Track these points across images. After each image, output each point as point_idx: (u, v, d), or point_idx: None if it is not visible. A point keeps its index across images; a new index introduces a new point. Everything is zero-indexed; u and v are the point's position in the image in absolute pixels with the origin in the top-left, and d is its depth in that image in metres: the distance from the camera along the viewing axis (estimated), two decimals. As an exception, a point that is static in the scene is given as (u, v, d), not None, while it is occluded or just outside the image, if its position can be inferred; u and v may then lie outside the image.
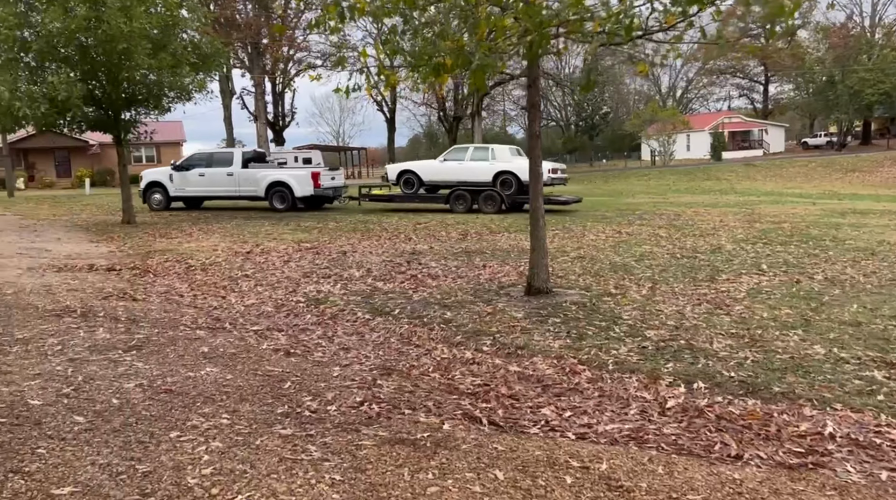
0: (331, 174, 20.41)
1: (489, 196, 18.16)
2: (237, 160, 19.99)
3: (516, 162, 18.00)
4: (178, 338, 5.79)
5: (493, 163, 18.37)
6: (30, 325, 5.93)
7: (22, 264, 9.48)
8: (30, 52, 13.34)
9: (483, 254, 10.27)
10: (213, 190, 20.23)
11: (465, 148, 19.67)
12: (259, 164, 20.68)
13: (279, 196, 19.50)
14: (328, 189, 19.72)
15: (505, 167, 18.18)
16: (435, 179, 19.21)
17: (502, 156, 18.57)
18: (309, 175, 19.23)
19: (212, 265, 9.84)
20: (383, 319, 6.62)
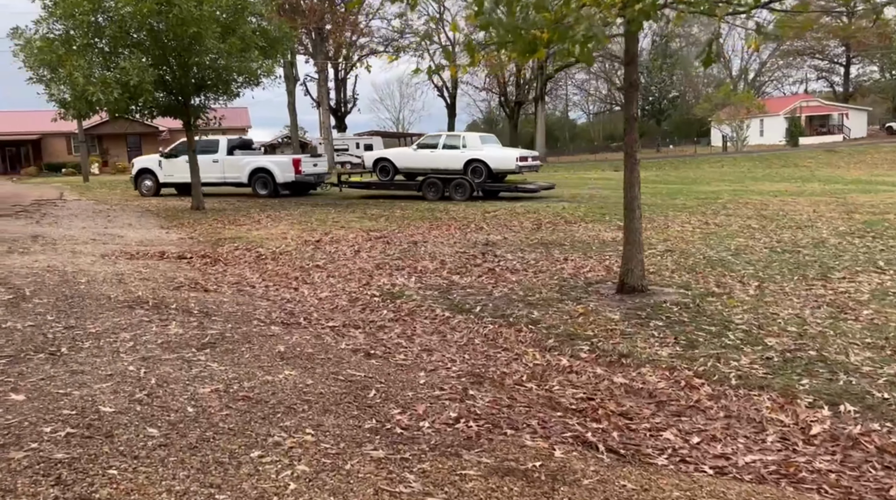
0: (313, 161, 20.74)
1: (459, 184, 18.33)
2: (222, 147, 20.40)
3: (486, 150, 18.29)
4: (252, 335, 5.47)
5: (463, 151, 18.46)
6: (102, 317, 5.71)
7: (96, 251, 9.43)
8: (103, 38, 13.38)
9: (562, 246, 9.69)
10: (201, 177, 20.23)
11: (438, 136, 19.82)
12: (244, 151, 20.94)
13: (261, 182, 19.84)
14: (310, 175, 20.06)
15: (475, 155, 18.26)
16: (409, 166, 19.41)
17: (473, 144, 18.69)
18: (290, 162, 19.61)
19: (282, 254, 9.59)
20: (464, 317, 6.16)
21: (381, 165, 19.93)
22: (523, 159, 18.41)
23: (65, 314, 5.71)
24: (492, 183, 18.26)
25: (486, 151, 18.32)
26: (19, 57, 13.63)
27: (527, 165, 18.71)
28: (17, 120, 46.80)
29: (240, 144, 21.48)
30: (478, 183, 18.15)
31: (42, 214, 14.08)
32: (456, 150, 18.62)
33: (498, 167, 18.22)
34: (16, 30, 13.51)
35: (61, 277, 7.32)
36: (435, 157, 18.82)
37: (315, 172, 20.52)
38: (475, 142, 18.82)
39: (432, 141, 19.58)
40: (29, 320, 5.42)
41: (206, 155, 20.22)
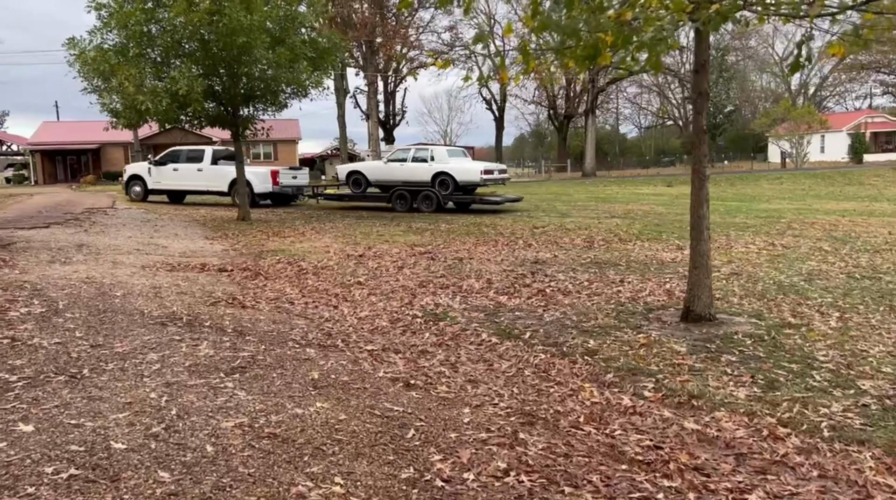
0: (292, 173, 21.27)
1: (427, 196, 18.82)
2: (207, 157, 20.98)
3: (453, 163, 18.73)
4: (286, 358, 5.11)
5: (431, 164, 18.86)
6: (132, 334, 5.44)
7: (137, 262, 9.29)
8: (155, 48, 13.44)
9: (617, 266, 9.12)
10: (185, 184, 21.32)
11: (408, 149, 20.32)
12: (228, 161, 20.99)
13: (235, 190, 19.60)
14: (288, 187, 20.65)
15: (442, 168, 18.64)
16: (380, 178, 19.86)
17: (441, 157, 19.07)
18: (268, 173, 20.24)
19: (324, 269, 9.28)
20: (513, 343, 5.69)
21: (354, 177, 20.36)
22: (488, 172, 18.71)
23: (94, 331, 5.46)
24: (458, 195, 18.81)
25: (452, 164, 18.74)
26: (74, 67, 13.80)
27: (492, 178, 18.97)
28: (78, 130, 48.37)
29: (225, 154, 21.78)
30: (444, 195, 18.63)
31: (91, 223, 14.16)
32: (424, 163, 19.04)
33: (463, 180, 18.53)
34: (71, 40, 13.68)
35: (98, 289, 7.13)
36: (404, 170, 19.25)
37: (294, 184, 21.08)
38: (442, 155, 19.22)
39: (402, 155, 20.05)
40: (56, 336, 5.18)
41: (192, 163, 21.05)
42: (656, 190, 32.59)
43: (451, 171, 18.51)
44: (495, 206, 19.42)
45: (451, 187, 18.54)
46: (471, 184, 18.71)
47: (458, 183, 18.46)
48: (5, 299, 6.18)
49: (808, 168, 45.77)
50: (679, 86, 70.34)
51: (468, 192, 19.23)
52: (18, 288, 6.77)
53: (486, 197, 19.12)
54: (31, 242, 10.55)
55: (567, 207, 20.50)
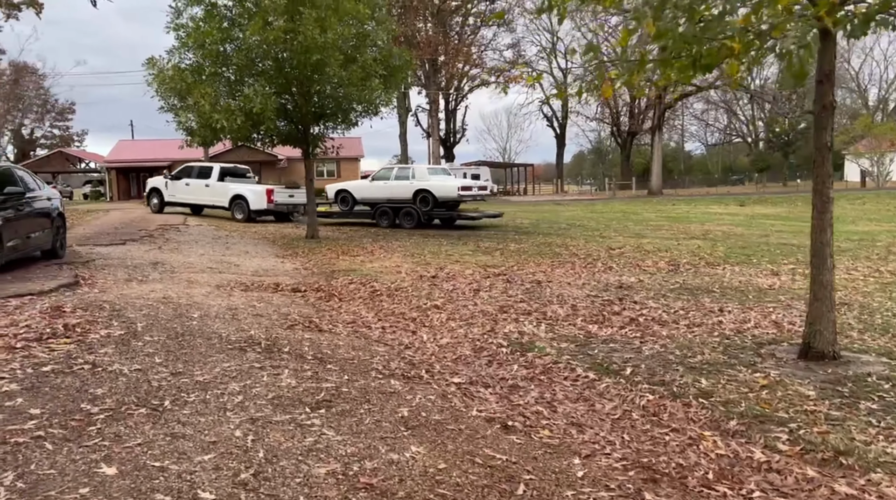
0: (288, 192, 22.17)
1: (407, 212, 19.54)
2: (214, 174, 22.12)
3: (432, 180, 19.30)
4: (370, 390, 4.78)
5: (412, 181, 19.47)
6: (211, 361, 5.22)
7: (211, 281, 9.21)
8: (230, 67, 13.57)
9: (710, 293, 8.50)
10: (194, 198, 22.53)
11: (392, 168, 21.00)
12: (235, 178, 22.50)
13: (239, 207, 21.32)
14: (282, 205, 21.40)
15: (422, 186, 19.23)
16: (366, 196, 20.55)
17: (421, 175, 19.62)
18: (264, 191, 21.22)
19: (398, 291, 8.98)
20: (613, 380, 5.21)
21: (342, 195, 21.16)
22: (466, 189, 19.44)
23: (174, 357, 5.26)
24: (438, 211, 19.45)
25: (432, 181, 19.30)
26: (153, 86, 14.07)
27: (470, 195, 19.73)
28: (152, 148, 50.17)
29: (231, 171, 23.01)
30: (425, 211, 19.29)
31: (165, 240, 14.34)
32: (406, 181, 19.67)
33: (442, 196, 19.07)
34: (150, 59, 13.97)
35: (175, 310, 7.00)
36: (388, 187, 19.93)
37: (291, 202, 21.75)
38: (423, 173, 19.75)
39: (386, 173, 20.71)
40: (136, 362, 5.00)
41: (201, 179, 22.27)
42: (729, 209, 31.32)
43: (430, 188, 19.11)
44: (473, 221, 20.40)
45: (431, 204, 19.18)
46: (449, 200, 19.22)
47: (437, 199, 19.07)
48: (86, 321, 6.08)
49: (890, 188, 43.40)
50: (750, 102, 68.17)
51: (451, 208, 19.82)
52: (98, 308, 6.70)
53: (463, 213, 19.90)
54: (108, 260, 10.65)
55: (639, 226, 19.78)
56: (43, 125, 74.01)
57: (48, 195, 9.95)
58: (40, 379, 4.45)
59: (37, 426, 3.66)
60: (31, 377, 4.47)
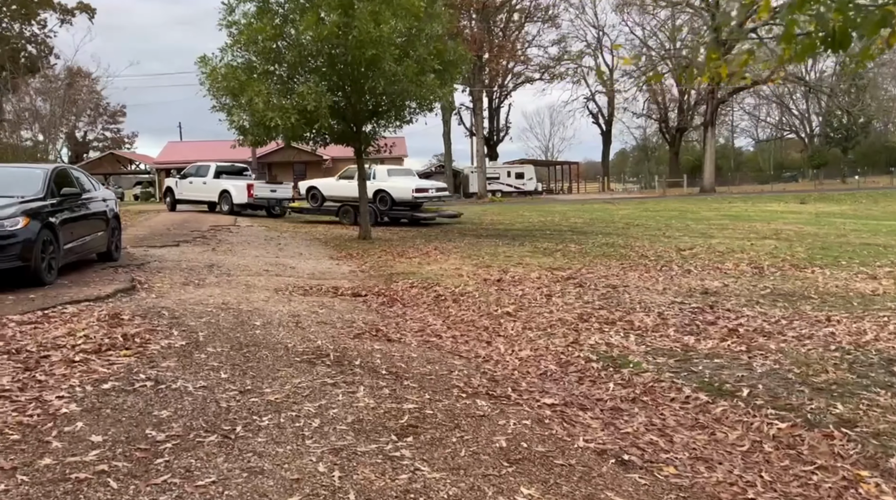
0: (270, 187, 23.93)
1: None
2: (210, 172, 23.71)
3: (391, 182, 20.30)
4: (457, 413, 4.27)
5: (373, 182, 19.97)
6: (280, 376, 4.78)
7: (269, 285, 8.84)
8: (283, 64, 13.27)
9: (808, 299, 7.77)
10: (195, 195, 24.04)
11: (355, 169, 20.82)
12: (228, 176, 23.75)
13: (225, 201, 22.91)
14: (263, 199, 22.94)
15: (381, 186, 20.22)
16: (333, 194, 21.41)
17: (381, 176, 20.53)
18: (245, 186, 22.63)
19: (463, 296, 8.47)
20: (729, 403, 4.58)
21: (312, 192, 22.16)
22: (421, 191, 20.23)
23: (240, 371, 4.84)
24: (397, 210, 20.28)
25: (390, 182, 20.24)
26: (205, 85, 13.86)
27: (426, 196, 20.53)
28: (200, 149, 50.75)
29: (228, 169, 24.42)
30: (383, 210, 20.20)
31: (218, 241, 14.12)
32: (368, 181, 19.70)
33: (399, 197, 19.96)
34: (203, 58, 13.77)
35: (235, 317, 6.62)
36: (351, 186, 20.01)
37: (273, 197, 23.39)
38: (383, 174, 20.66)
39: (351, 173, 20.80)
40: (201, 378, 4.59)
41: (200, 177, 23.94)
42: (790, 207, 30.00)
43: (388, 188, 20.07)
44: (427, 221, 21.10)
45: (389, 203, 20.15)
46: (405, 201, 19.98)
47: (394, 200, 20.01)
48: (145, 330, 5.73)
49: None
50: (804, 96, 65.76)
51: (414, 208, 20.66)
52: (157, 315, 6.35)
53: (417, 213, 20.64)
54: (163, 262, 10.40)
55: (702, 225, 18.89)
56: (95, 128, 75.89)
57: (104, 196, 9.74)
58: (101, 399, 4.07)
59: (99, 457, 3.25)
60: (91, 396, 4.09)
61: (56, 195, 7.86)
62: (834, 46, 4.15)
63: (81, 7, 52.79)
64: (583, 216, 24.51)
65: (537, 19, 54.36)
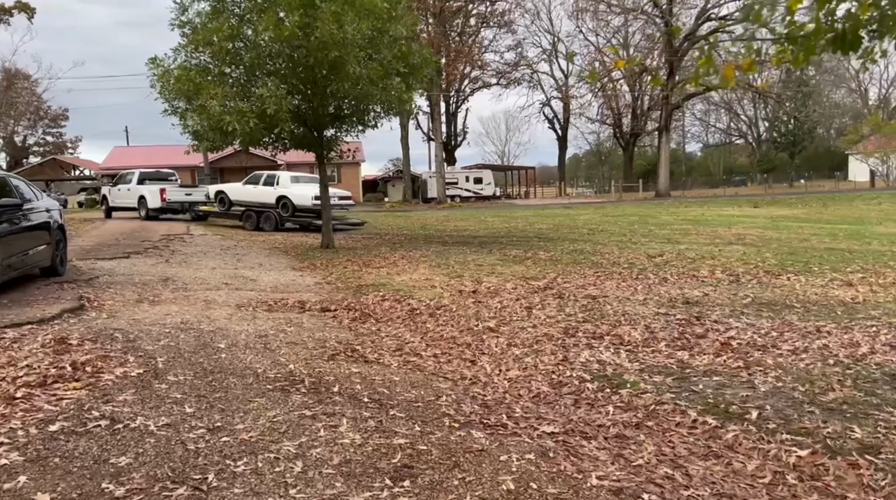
0: (185, 191, 24.87)
1: (268, 216, 20.80)
2: (135, 179, 24.81)
3: (293, 189, 20.64)
4: (453, 448, 3.87)
5: (276, 188, 20.83)
6: (252, 409, 4.31)
7: (230, 300, 8.28)
8: (240, 66, 12.66)
9: (792, 309, 7.62)
10: (122, 202, 25.21)
11: (261, 175, 22.19)
12: (152, 182, 24.61)
13: (142, 206, 24.03)
14: (175, 203, 23.89)
15: (284, 193, 20.62)
16: (239, 198, 21.80)
17: (284, 183, 21.00)
18: (158, 191, 23.71)
19: (439, 309, 8.07)
20: (740, 428, 4.30)
21: (220, 196, 22.53)
22: (316, 198, 19.80)
23: (207, 403, 4.35)
24: (298, 216, 20.62)
25: (291, 189, 20.63)
26: (156, 87, 13.15)
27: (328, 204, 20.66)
28: (148, 155, 49.17)
29: (153, 176, 25.40)
30: (285, 216, 20.55)
31: (171, 252, 13.40)
32: (271, 187, 21.04)
33: (299, 204, 20.35)
34: (154, 59, 13.05)
35: (197, 338, 6.08)
36: (256, 191, 21.27)
37: (186, 201, 24.19)
38: (286, 181, 21.13)
39: (256, 179, 21.94)
40: (164, 414, 4.08)
41: (125, 184, 25.15)
42: (745, 212, 30.52)
43: (289, 195, 20.46)
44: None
45: (291, 210, 20.49)
46: (305, 208, 20.28)
47: (295, 206, 20.38)
48: (97, 357, 5.16)
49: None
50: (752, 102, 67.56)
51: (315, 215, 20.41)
52: (109, 339, 5.77)
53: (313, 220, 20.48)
54: (113, 276, 9.71)
55: (665, 231, 18.92)
56: (35, 132, 72.93)
57: (47, 206, 9.01)
58: (48, 444, 3.54)
59: (46, 523, 2.75)
60: (35, 442, 3.55)
61: (-8, 207, 7.15)
62: (844, 48, 3.95)
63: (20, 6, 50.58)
64: (546, 222, 24.39)
65: (493, 24, 54.51)
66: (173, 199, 23.94)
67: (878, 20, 3.73)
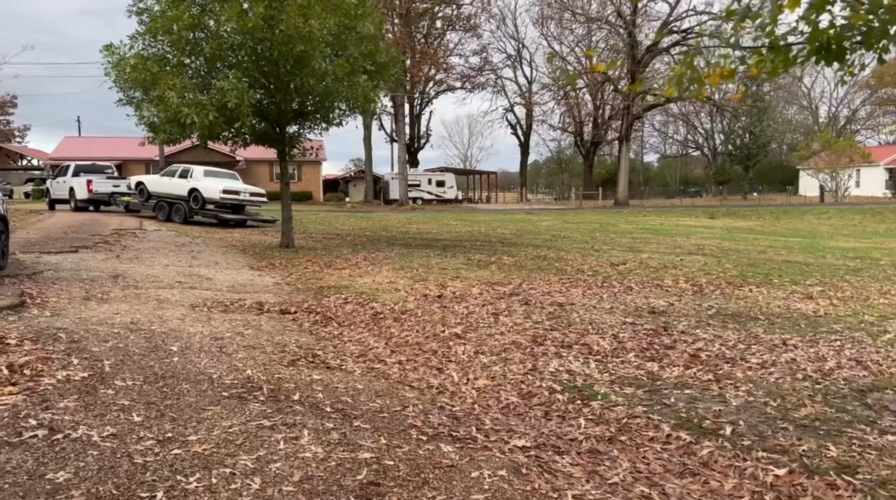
0: (113, 182, 25.16)
1: (178, 208, 21.34)
2: (70, 171, 25.56)
3: (204, 182, 21.14)
4: (421, 463, 3.68)
5: (189, 181, 21.32)
6: (206, 418, 4.03)
7: (184, 300, 7.92)
8: (200, 57, 12.22)
9: (756, 321, 7.64)
10: (59, 194, 25.98)
11: (176, 168, 22.77)
12: (86, 173, 25.29)
13: (72, 197, 25.02)
14: (102, 194, 24.43)
15: (195, 185, 21.07)
16: (156, 190, 22.29)
17: (196, 176, 21.44)
18: (85, 182, 24.48)
19: (404, 314, 7.85)
20: (713, 444, 4.20)
21: (140, 187, 22.99)
22: (230, 192, 21.14)
23: (157, 412, 4.05)
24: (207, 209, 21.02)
25: (202, 182, 21.07)
26: (111, 76, 12.61)
27: (236, 198, 21.43)
28: (101, 146, 47.65)
29: (88, 168, 26.15)
30: (195, 209, 20.97)
31: (122, 247, 12.86)
32: (184, 180, 21.50)
33: (208, 197, 20.86)
34: (109, 46, 12.52)
35: (148, 340, 5.74)
36: (171, 183, 21.77)
37: (112, 191, 24.52)
38: (199, 174, 21.54)
39: (172, 171, 22.57)
40: (109, 423, 3.78)
41: (62, 177, 25.93)
42: (701, 222, 31.09)
43: (200, 188, 20.87)
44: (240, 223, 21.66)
45: (201, 202, 20.89)
46: (213, 201, 20.88)
47: (205, 199, 20.85)
48: (37, 358, 4.79)
49: (849, 203, 44.12)
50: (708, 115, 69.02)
51: (236, 209, 21.73)
52: (52, 339, 5.40)
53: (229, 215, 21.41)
54: (59, 271, 9.22)
55: (626, 239, 19.05)
56: (-20, 118, 70.00)
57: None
58: (-25, 457, 3.20)
59: (-30, 551, 2.45)
60: (-38, 454, 3.22)
61: (-72, 194, 6.67)
62: (829, 59, 3.90)
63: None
64: (508, 227, 24.36)
65: (459, 28, 54.47)
66: (100, 190, 24.55)
67: (865, 32, 3.69)
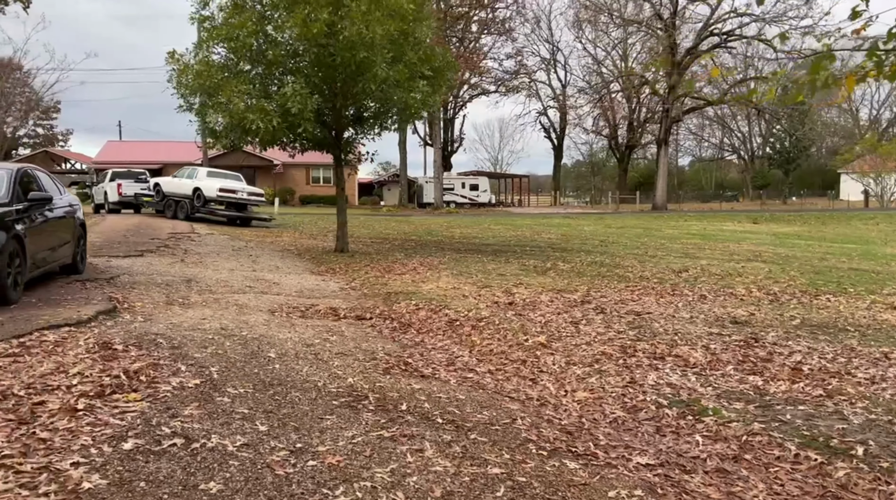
0: (139, 185, 26.65)
1: (182, 205, 23.02)
2: (108, 177, 27.78)
3: (205, 181, 22.44)
4: (552, 480, 3.60)
5: (193, 180, 22.78)
6: (328, 428, 4.00)
7: (261, 305, 7.96)
8: (263, 63, 12.32)
9: (846, 332, 7.42)
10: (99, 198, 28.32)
11: (186, 169, 24.50)
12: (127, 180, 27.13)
13: (105, 200, 27.30)
14: (129, 196, 26.35)
15: (198, 184, 22.45)
16: (169, 190, 24.06)
17: (200, 176, 22.89)
18: (116, 186, 26.72)
19: (480, 321, 7.78)
20: (848, 465, 4.05)
21: (157, 188, 24.90)
22: (227, 191, 22.29)
23: (278, 421, 4.04)
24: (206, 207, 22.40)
25: (204, 182, 22.36)
26: (173, 82, 12.78)
27: (233, 197, 22.48)
28: (142, 150, 48.55)
29: (124, 174, 27.91)
30: (197, 206, 22.38)
31: (184, 251, 13.02)
32: (190, 180, 22.98)
33: (207, 195, 22.23)
34: (172, 53, 12.70)
35: (243, 346, 5.76)
36: (180, 184, 23.41)
37: (136, 193, 26.24)
38: (202, 175, 23.00)
39: (183, 172, 24.25)
40: (237, 433, 3.76)
41: (102, 182, 28.31)
42: (745, 227, 30.53)
43: (202, 187, 22.23)
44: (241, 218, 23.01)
45: (202, 200, 22.26)
46: (211, 198, 22.20)
47: (206, 198, 22.18)
48: (147, 364, 4.82)
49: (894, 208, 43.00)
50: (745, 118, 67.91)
51: (239, 208, 22.94)
52: (153, 344, 5.43)
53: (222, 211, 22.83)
54: (133, 276, 9.34)
55: (677, 244, 18.77)
56: (26, 124, 71.78)
57: (70, 201, 8.64)
58: (127, 465, 3.21)
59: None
60: (113, 462, 3.22)
61: (22, 200, 6.79)
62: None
63: (17, -6, 49.71)
64: (551, 231, 24.18)
65: (494, 32, 54.41)
66: (127, 192, 26.52)
67: None
